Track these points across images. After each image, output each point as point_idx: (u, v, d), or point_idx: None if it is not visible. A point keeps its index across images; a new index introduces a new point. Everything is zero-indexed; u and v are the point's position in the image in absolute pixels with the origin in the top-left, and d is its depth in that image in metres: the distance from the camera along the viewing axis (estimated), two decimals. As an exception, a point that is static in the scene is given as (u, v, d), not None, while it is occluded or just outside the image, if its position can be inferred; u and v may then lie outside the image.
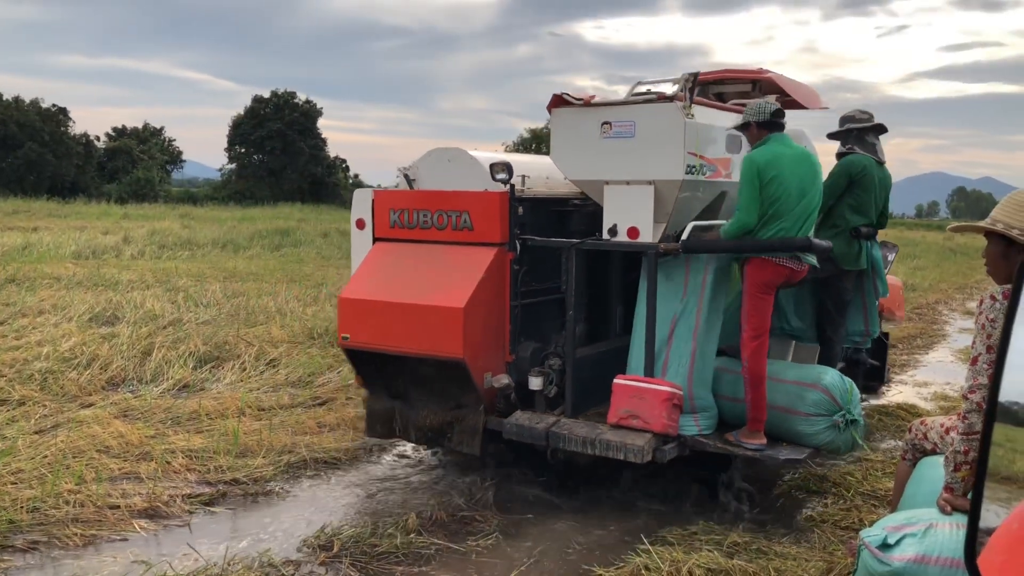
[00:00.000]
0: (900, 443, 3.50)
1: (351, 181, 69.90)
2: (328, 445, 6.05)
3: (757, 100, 5.19)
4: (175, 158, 71.54)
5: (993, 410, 1.12)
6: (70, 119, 55.29)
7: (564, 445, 4.96)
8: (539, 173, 5.75)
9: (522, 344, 5.33)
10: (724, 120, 5.36)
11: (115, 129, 63.85)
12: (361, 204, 5.85)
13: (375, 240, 5.69)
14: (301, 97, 63.69)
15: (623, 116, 5.01)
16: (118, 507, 4.81)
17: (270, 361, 8.30)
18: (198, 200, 52.84)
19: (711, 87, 6.36)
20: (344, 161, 69.05)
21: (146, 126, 67.88)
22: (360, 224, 5.88)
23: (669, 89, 5.14)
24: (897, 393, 8.51)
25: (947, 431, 3.17)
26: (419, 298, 5.08)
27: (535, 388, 5.22)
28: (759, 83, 6.34)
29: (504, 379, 5.11)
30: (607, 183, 5.11)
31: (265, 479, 5.42)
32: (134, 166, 56.67)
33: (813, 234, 4.98)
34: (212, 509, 4.99)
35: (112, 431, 5.96)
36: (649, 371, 5.01)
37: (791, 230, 4.78)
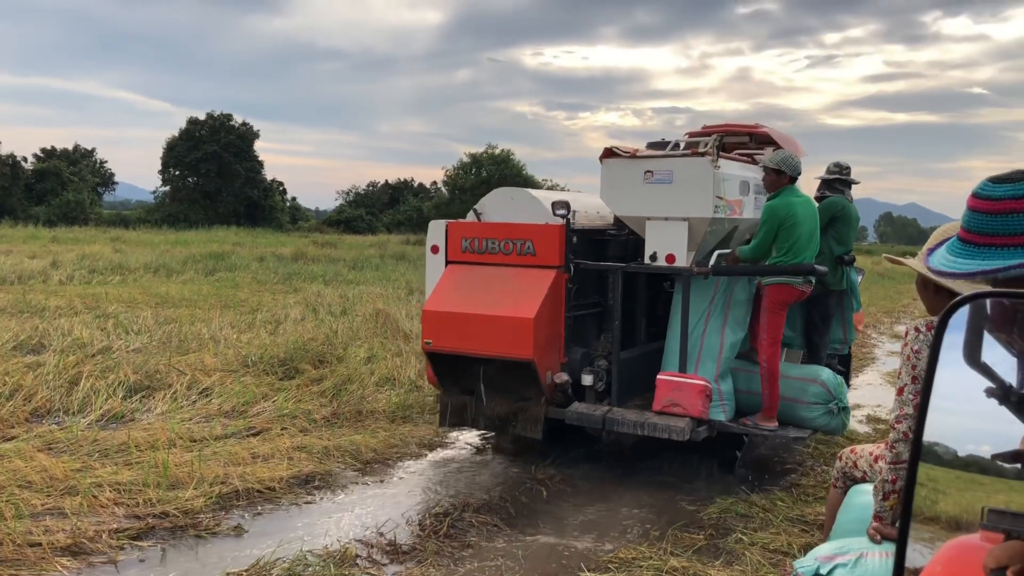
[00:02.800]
0: (833, 471, 3.55)
1: (288, 204, 69.20)
2: (262, 475, 5.93)
3: (787, 153, 6.38)
4: (107, 180, 70.07)
5: (917, 453, 1.14)
6: (-4, 139, 53.74)
7: (618, 428, 6.11)
8: (580, 209, 6.75)
9: (572, 349, 6.45)
10: (737, 170, 6.54)
11: (43, 150, 62.30)
12: (436, 233, 6.88)
13: (447, 263, 6.73)
14: (237, 119, 63.02)
15: (663, 166, 6.18)
16: (39, 544, 4.62)
17: (203, 390, 8.12)
18: (130, 223, 51.75)
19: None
20: (281, 184, 68.42)
21: (76, 147, 66.43)
22: (435, 249, 6.87)
23: (682, 140, 6.80)
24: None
25: (876, 459, 3.23)
26: (494, 310, 6.19)
27: (587, 384, 6.37)
28: (754, 135, 7.46)
29: (563, 376, 6.26)
30: (649, 219, 6.26)
31: (195, 511, 5.28)
32: (64, 188, 55.29)
33: None
34: (140, 544, 4.84)
35: (35, 465, 5.74)
36: (683, 368, 6.25)
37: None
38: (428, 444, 7.07)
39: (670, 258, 6.19)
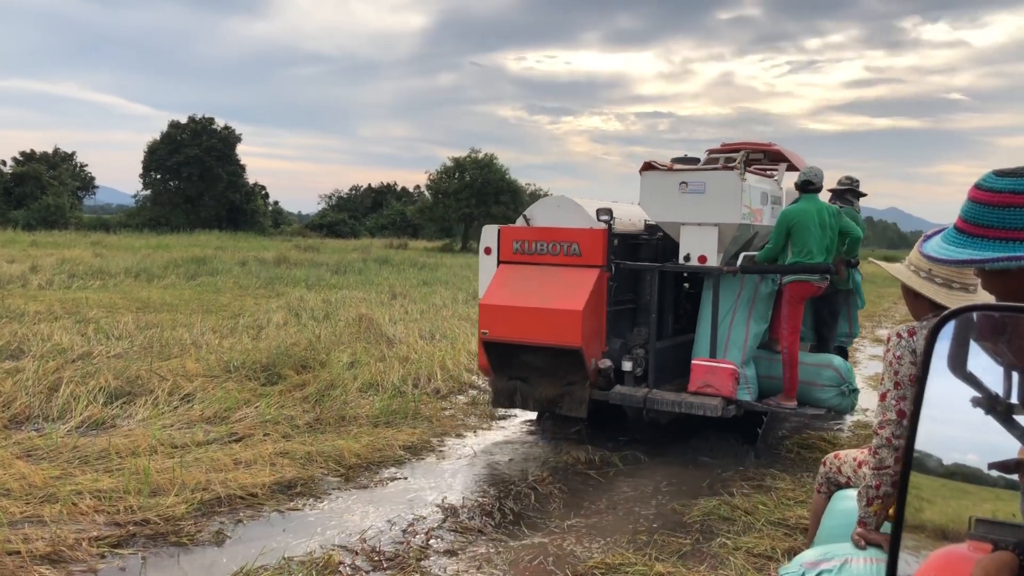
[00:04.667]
0: (817, 477, 3.56)
1: (270, 208, 68.94)
2: (244, 481, 5.88)
3: (805, 168, 7.33)
4: (87, 184, 69.64)
5: (908, 462, 1.13)
6: (-26, 143, 53.33)
7: (658, 407, 6.91)
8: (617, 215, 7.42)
9: (611, 339, 7.20)
10: (758, 183, 7.37)
11: (23, 153, 61.87)
12: (489, 236, 7.66)
13: (499, 263, 7.48)
14: (219, 123, 62.77)
15: (697, 178, 7.00)
16: (18, 553, 4.56)
17: (184, 396, 8.06)
18: (111, 227, 51.47)
19: (730, 155, 7.76)
20: (263, 188, 68.23)
21: (56, 151, 66.00)
22: (488, 251, 7.64)
23: (702, 156, 7.74)
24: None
25: (860, 465, 3.23)
26: (546, 303, 6.93)
27: (627, 369, 7.16)
28: (768, 152, 8.21)
29: (607, 362, 7.02)
30: (683, 224, 7.08)
31: (177, 518, 5.23)
32: (43, 192, 54.89)
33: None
34: (120, 551, 4.79)
35: (13, 472, 5.68)
36: (713, 355, 7.08)
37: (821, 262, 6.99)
38: (412, 449, 7.05)
39: (702, 259, 7.00)
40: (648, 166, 7.20)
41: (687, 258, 7.06)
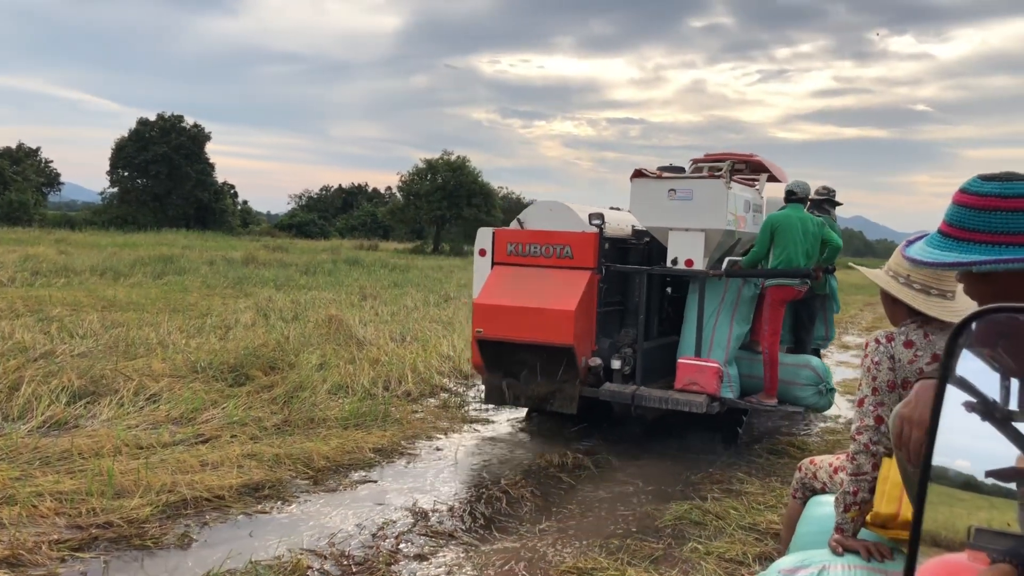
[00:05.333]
0: (792, 482, 3.54)
1: (239, 207, 68.41)
2: (211, 483, 5.77)
3: (793, 182, 7.70)
4: (52, 180, 68.65)
5: (927, 471, 1.11)
6: (-65, 137, 52.41)
7: (646, 403, 7.20)
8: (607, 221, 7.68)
9: (600, 339, 7.48)
10: (743, 191, 7.67)
11: (-15, 148, 60.86)
12: (483, 238, 7.94)
13: (493, 264, 7.73)
14: (189, 121, 62.18)
15: (685, 186, 7.29)
16: (-24, 556, 4.45)
17: (150, 396, 7.92)
18: (76, 224, 50.77)
19: (714, 164, 8.08)
20: (232, 187, 67.71)
21: (20, 146, 64.97)
22: (482, 252, 7.90)
23: (687, 165, 8.03)
24: (783, 425, 8.74)
25: (836, 471, 3.22)
26: (539, 303, 7.19)
27: (616, 367, 7.45)
28: (749, 163, 8.52)
29: (597, 360, 7.33)
30: (671, 230, 7.38)
31: (141, 521, 5.11)
32: (6, 187, 54.02)
33: None
34: (81, 555, 4.67)
35: (-28, 473, 5.54)
36: (698, 354, 7.39)
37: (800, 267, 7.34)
38: (382, 452, 6.97)
39: (689, 262, 7.29)
40: (638, 173, 7.47)
41: (674, 262, 7.34)
